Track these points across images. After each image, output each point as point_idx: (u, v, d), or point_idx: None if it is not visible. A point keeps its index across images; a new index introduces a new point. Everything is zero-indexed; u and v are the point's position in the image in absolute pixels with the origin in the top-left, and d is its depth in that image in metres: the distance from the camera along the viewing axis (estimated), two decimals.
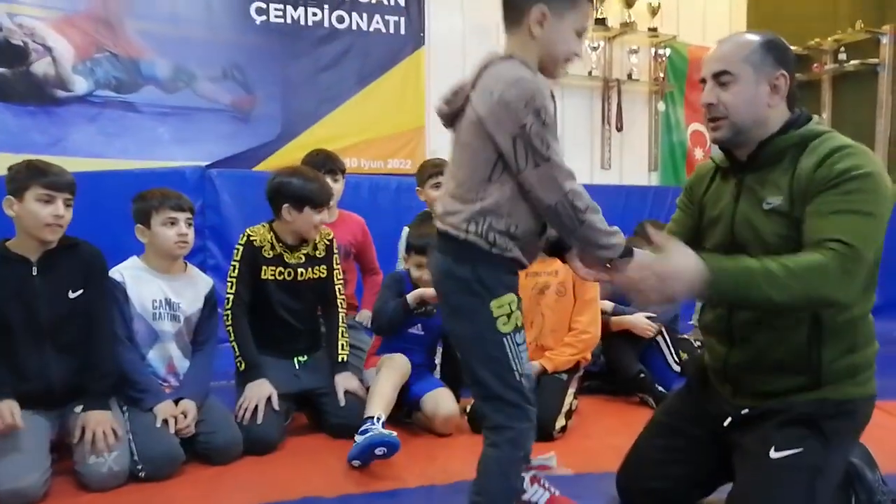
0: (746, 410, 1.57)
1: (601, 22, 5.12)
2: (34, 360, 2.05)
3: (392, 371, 2.39)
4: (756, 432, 1.53)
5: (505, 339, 1.41)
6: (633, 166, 5.47)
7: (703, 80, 1.60)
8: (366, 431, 2.13)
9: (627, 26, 5.17)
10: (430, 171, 3.14)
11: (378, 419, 2.19)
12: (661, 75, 5.40)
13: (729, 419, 1.60)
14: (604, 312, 2.97)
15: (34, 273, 2.04)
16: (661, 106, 5.44)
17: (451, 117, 1.48)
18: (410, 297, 2.48)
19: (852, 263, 1.36)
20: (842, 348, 1.50)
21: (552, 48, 1.44)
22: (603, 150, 5.37)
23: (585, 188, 1.46)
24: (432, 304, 2.57)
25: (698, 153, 5.61)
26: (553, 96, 1.44)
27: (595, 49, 5.15)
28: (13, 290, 2.02)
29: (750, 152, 1.58)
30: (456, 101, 1.46)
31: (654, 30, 5.29)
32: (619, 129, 5.34)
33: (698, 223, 1.73)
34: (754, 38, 1.56)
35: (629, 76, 5.31)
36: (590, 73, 5.18)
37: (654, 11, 5.26)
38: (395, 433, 2.14)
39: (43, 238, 2.04)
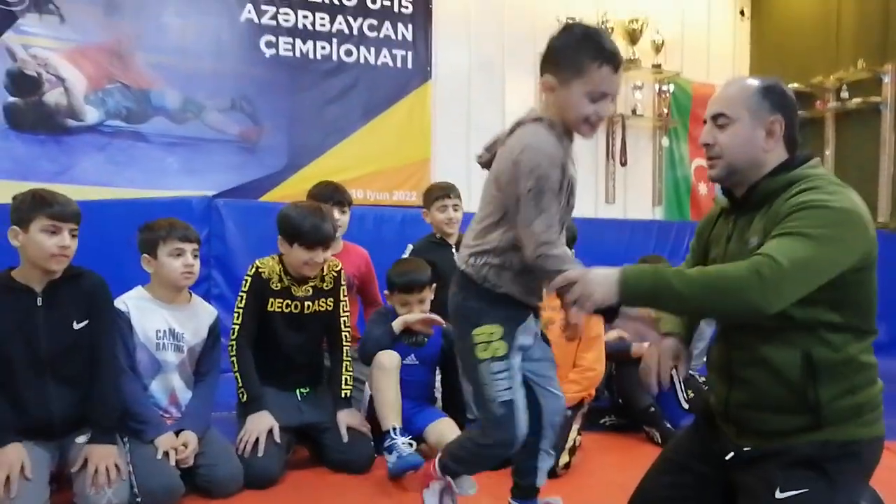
0: (749, 449, 1.56)
1: None
2: (35, 392, 2.03)
3: (385, 376, 2.43)
4: (760, 473, 1.52)
5: (480, 365, 1.63)
6: (638, 201, 5.50)
7: (705, 121, 1.65)
8: (392, 448, 2.32)
9: (632, 62, 5.23)
10: (437, 193, 3.16)
11: (395, 430, 2.36)
12: (665, 111, 5.46)
13: (732, 454, 1.59)
14: (623, 339, 2.97)
15: (38, 304, 2.03)
16: (665, 141, 5.49)
17: (487, 163, 1.72)
18: (395, 323, 2.52)
19: (771, 272, 1.35)
20: (841, 388, 1.48)
21: (565, 112, 1.61)
22: (607, 184, 5.40)
23: (589, 223, 1.52)
24: (423, 334, 2.58)
25: (702, 188, 5.64)
26: (570, 163, 1.63)
27: None
28: (16, 322, 2.00)
29: (743, 193, 1.61)
30: (492, 149, 1.70)
31: (658, 66, 5.36)
32: (624, 163, 5.38)
33: (705, 264, 1.74)
34: (755, 83, 1.60)
35: (633, 111, 5.36)
36: None
37: (658, 48, 5.33)
38: (414, 450, 2.34)
39: (48, 268, 2.03)
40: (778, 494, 1.46)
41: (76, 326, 2.07)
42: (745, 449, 1.56)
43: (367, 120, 4.69)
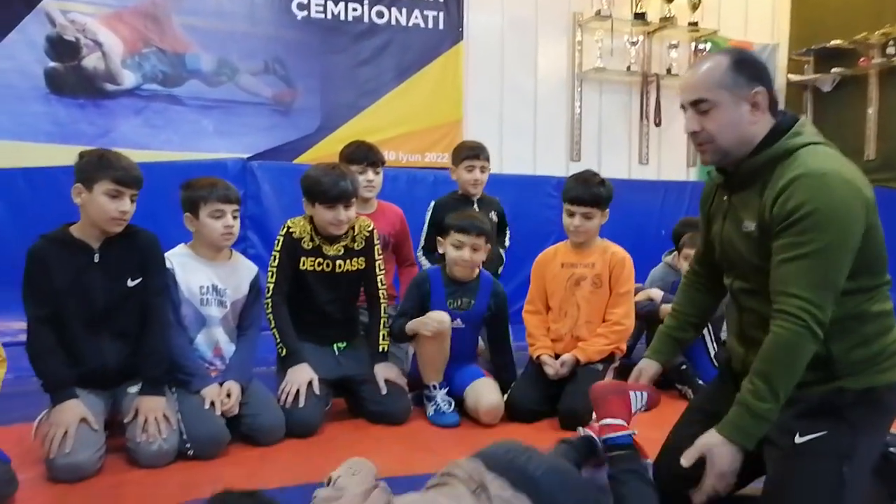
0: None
1: (641, 16, 5.10)
2: (90, 343, 2.12)
3: (435, 339, 2.48)
4: (778, 421, 1.53)
5: None
6: (672, 162, 5.43)
7: (683, 106, 1.62)
8: (432, 398, 2.52)
9: (667, 21, 5.12)
10: (466, 153, 3.19)
11: (436, 386, 2.51)
12: None
13: None
14: (652, 300, 2.99)
15: (95, 260, 2.11)
16: None
17: None
18: (409, 327, 2.53)
19: (808, 315, 1.43)
20: (852, 342, 1.51)
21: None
22: (641, 145, 5.34)
23: (622, 183, 1.55)
24: (468, 298, 2.62)
25: None
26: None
27: (634, 44, 5.12)
28: (74, 277, 2.08)
29: (733, 170, 1.61)
30: None
31: (695, 24, 5.24)
32: (658, 124, 5.30)
33: (708, 238, 1.80)
34: (723, 59, 1.57)
35: (668, 71, 5.26)
36: (628, 68, 5.15)
37: (694, 6, 5.20)
38: (453, 406, 2.50)
39: (107, 230, 2.10)
40: (797, 439, 1.51)
41: (130, 283, 2.15)
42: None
43: (399, 81, 4.69)
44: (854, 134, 5.06)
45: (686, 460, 1.51)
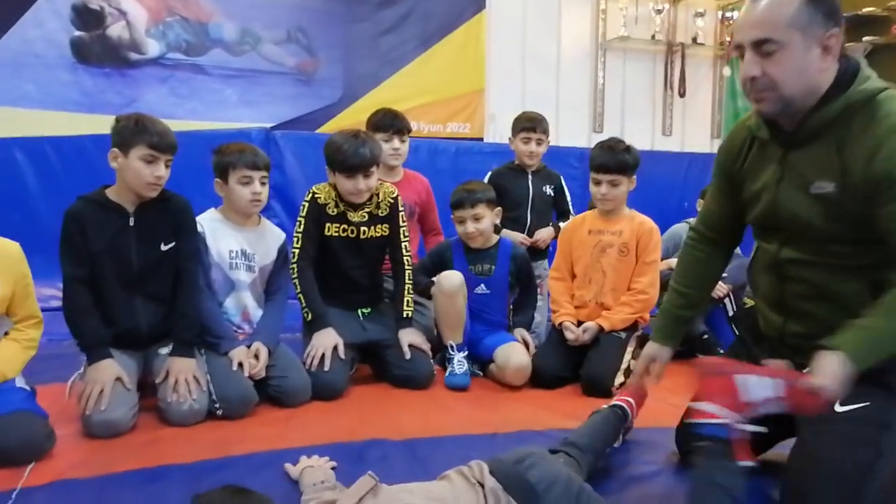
0: (808, 370, 1.56)
1: None
2: (124, 305, 2.17)
3: (447, 299, 2.56)
4: None
5: None
6: (696, 133, 5.37)
7: (739, 47, 1.42)
8: (450, 359, 2.55)
9: None
10: (524, 124, 3.21)
11: (453, 346, 2.56)
12: (728, 39, 5.25)
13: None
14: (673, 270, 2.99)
15: (131, 224, 2.15)
16: (727, 71, 5.31)
17: None
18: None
19: None
20: None
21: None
22: (664, 115, 5.28)
23: (645, 155, 1.52)
24: (488, 264, 2.64)
25: None
26: None
27: (659, 12, 5.04)
28: (110, 238, 2.12)
29: (794, 126, 1.46)
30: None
31: None
32: (682, 94, 5.24)
33: (739, 197, 1.65)
34: None
35: (694, 40, 5.18)
36: (653, 36, 5.08)
37: None
38: (466, 370, 2.53)
39: (143, 195, 2.14)
40: (838, 408, 1.44)
41: (163, 247, 2.19)
42: (805, 371, 1.53)
43: (421, 51, 4.67)
44: None
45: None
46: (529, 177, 3.26)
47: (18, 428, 1.79)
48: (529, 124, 3.18)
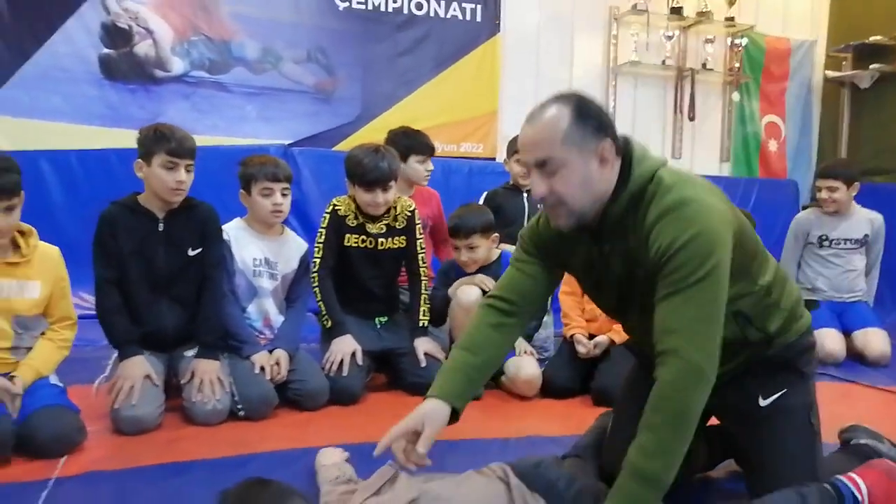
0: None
1: (677, 11, 5.12)
2: (152, 307, 2.27)
3: (464, 313, 2.58)
4: (734, 391, 1.56)
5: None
6: (705, 156, 5.45)
7: (527, 165, 1.47)
8: None
9: (703, 15, 5.14)
10: (518, 146, 3.23)
11: None
12: (737, 65, 5.35)
13: None
14: None
15: (160, 229, 2.25)
16: (736, 96, 5.40)
17: None
18: (450, 291, 2.67)
19: (688, 356, 1.29)
20: (779, 316, 1.53)
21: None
22: (674, 139, 5.37)
23: None
24: (496, 268, 2.72)
25: (772, 145, 5.54)
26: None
27: (670, 38, 5.15)
28: (139, 241, 2.23)
29: (595, 224, 1.48)
30: None
31: (731, 19, 5.24)
32: (692, 118, 5.32)
33: (554, 265, 1.64)
34: (564, 111, 1.40)
35: (704, 66, 5.28)
36: (664, 62, 5.18)
37: (731, 1, 5.21)
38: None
39: (168, 200, 2.24)
40: (761, 402, 1.55)
41: (191, 253, 2.29)
42: None
43: (437, 72, 4.78)
44: (892, 132, 5.04)
45: None
46: (525, 196, 3.34)
47: (53, 421, 1.87)
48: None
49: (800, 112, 5.61)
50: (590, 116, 1.41)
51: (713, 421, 1.74)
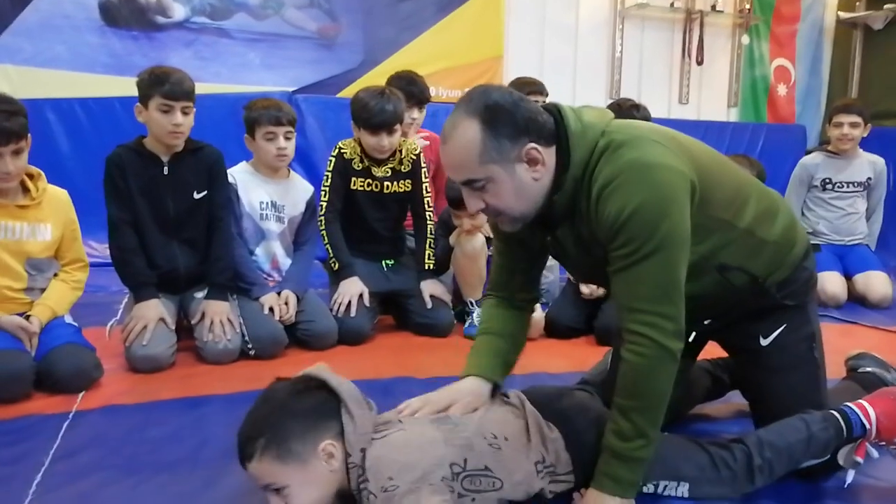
0: (709, 321, 1.57)
1: None
2: (163, 249, 2.30)
3: (469, 261, 2.64)
4: (733, 333, 1.58)
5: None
6: (712, 101, 5.39)
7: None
8: (470, 313, 2.66)
9: None
10: (526, 88, 3.11)
11: (473, 302, 2.65)
12: (748, 7, 5.25)
13: (693, 334, 1.61)
14: None
15: (165, 172, 2.27)
16: (746, 39, 5.31)
17: None
18: (452, 237, 2.69)
19: (652, 330, 1.26)
20: (765, 259, 1.46)
21: None
22: (681, 84, 5.30)
23: (662, 122, 1.53)
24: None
25: (781, 89, 5.47)
26: None
27: None
28: (146, 184, 2.25)
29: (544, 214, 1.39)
30: None
31: None
32: (700, 62, 5.25)
33: (531, 248, 1.56)
34: (472, 126, 1.27)
35: (713, 7, 5.18)
36: (672, 4, 5.09)
37: None
38: None
39: (167, 143, 2.25)
40: (762, 342, 1.54)
41: (196, 196, 2.31)
42: (706, 322, 1.57)
43: (440, 17, 4.71)
44: None
45: None
46: None
47: (70, 358, 1.93)
48: (531, 88, 3.20)
49: (810, 55, 5.51)
50: (503, 123, 1.28)
51: (719, 352, 1.74)
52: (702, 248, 1.37)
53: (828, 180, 3.58)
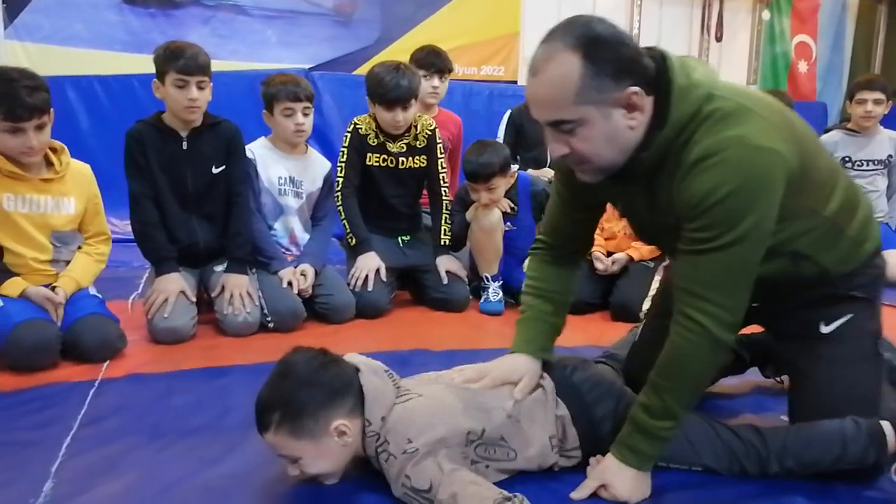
0: (756, 304, 1.34)
1: None
2: (184, 223, 2.34)
3: (485, 236, 2.66)
4: (791, 321, 1.47)
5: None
6: (731, 78, 5.28)
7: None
8: (486, 288, 2.69)
9: None
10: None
11: (488, 278, 2.68)
12: None
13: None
14: None
15: (184, 147, 2.29)
16: (766, 15, 5.24)
17: None
18: (469, 211, 2.69)
19: (707, 318, 1.21)
20: (838, 249, 1.38)
21: None
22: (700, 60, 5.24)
23: None
24: (512, 191, 2.75)
25: (802, 66, 5.40)
26: None
27: None
28: (165, 159, 2.28)
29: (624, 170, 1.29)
30: None
31: None
32: (719, 39, 5.19)
33: (592, 201, 1.50)
34: (571, 61, 1.15)
35: None
36: None
37: None
38: (501, 298, 2.67)
39: (184, 118, 2.27)
40: (823, 329, 1.43)
41: (215, 170, 2.34)
42: (753, 304, 1.32)
43: None
44: None
45: (578, 493, 1.30)
46: None
47: (95, 328, 1.98)
48: None
49: (833, 31, 5.43)
50: (605, 61, 1.15)
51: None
52: (782, 234, 1.29)
53: (847, 158, 3.54)
